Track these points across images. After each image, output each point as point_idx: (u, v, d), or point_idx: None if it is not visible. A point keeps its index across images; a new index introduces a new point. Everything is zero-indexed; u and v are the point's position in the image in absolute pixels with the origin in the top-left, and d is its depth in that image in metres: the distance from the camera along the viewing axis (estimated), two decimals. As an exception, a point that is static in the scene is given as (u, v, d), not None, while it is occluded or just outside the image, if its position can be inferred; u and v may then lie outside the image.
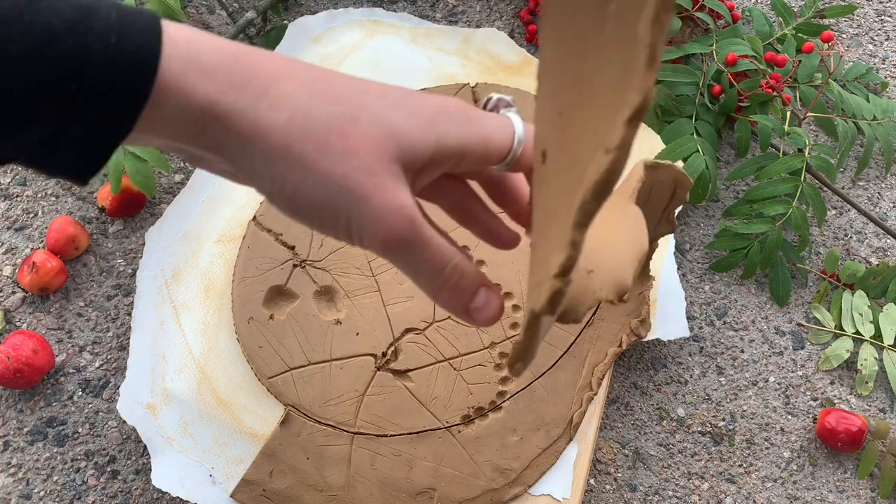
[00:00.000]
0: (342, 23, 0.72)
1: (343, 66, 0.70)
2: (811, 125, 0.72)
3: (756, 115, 0.66)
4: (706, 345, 0.63)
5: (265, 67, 0.28)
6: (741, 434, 0.60)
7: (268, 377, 0.56)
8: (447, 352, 0.57)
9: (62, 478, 0.58)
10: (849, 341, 0.62)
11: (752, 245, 0.64)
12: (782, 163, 0.63)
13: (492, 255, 0.60)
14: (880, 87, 0.74)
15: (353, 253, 0.60)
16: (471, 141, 0.30)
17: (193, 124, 0.27)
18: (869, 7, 0.80)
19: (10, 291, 0.64)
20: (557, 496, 0.53)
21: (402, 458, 0.54)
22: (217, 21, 0.76)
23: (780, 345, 0.63)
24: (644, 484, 0.58)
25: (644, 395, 0.61)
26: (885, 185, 0.70)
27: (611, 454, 0.59)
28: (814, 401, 0.61)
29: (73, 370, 0.62)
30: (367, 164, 0.27)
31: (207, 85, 0.26)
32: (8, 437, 0.59)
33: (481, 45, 0.71)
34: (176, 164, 0.69)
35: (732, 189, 0.70)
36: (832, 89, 0.68)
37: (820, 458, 0.60)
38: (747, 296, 0.65)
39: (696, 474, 0.59)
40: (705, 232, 0.68)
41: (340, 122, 0.28)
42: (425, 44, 0.72)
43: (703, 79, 0.67)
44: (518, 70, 0.70)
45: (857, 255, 0.67)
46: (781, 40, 0.73)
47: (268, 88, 0.27)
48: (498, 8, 0.77)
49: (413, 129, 0.29)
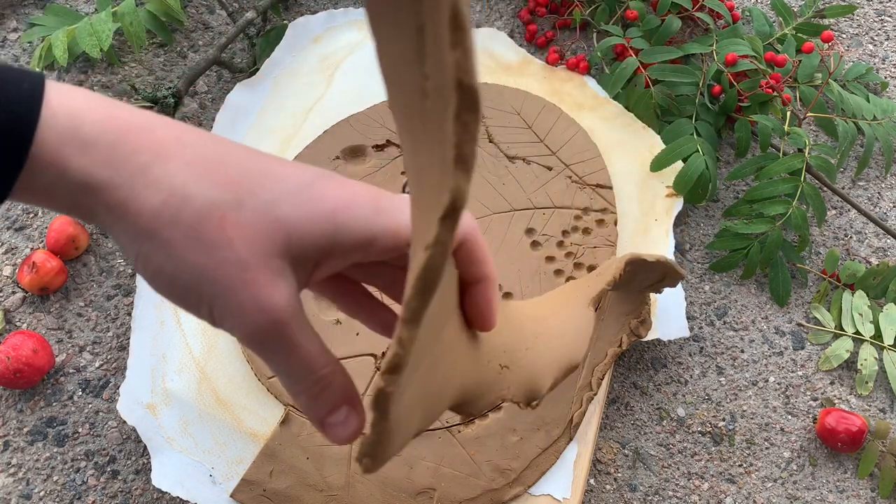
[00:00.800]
0: (342, 23, 0.72)
1: (343, 66, 0.70)
2: (811, 125, 0.72)
3: (756, 115, 0.66)
4: (706, 345, 0.63)
5: (153, 141, 0.26)
6: (741, 434, 0.60)
7: (268, 377, 0.56)
8: (447, 352, 0.57)
9: (62, 478, 0.58)
10: (849, 341, 0.62)
11: (752, 245, 0.64)
12: (782, 163, 0.63)
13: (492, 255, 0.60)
14: (880, 87, 0.74)
15: (353, 253, 0.60)
16: (378, 233, 0.28)
17: (68, 196, 0.26)
18: (869, 7, 0.80)
19: (10, 291, 0.64)
20: (557, 496, 0.53)
21: (402, 458, 0.54)
22: (217, 21, 0.76)
23: (780, 345, 0.63)
24: (644, 484, 0.58)
25: (644, 395, 0.61)
26: (885, 185, 0.70)
27: (611, 454, 0.59)
28: (814, 401, 0.61)
29: (73, 370, 0.62)
30: (240, 256, 0.26)
31: (83, 159, 0.25)
32: (8, 437, 0.59)
33: (481, 45, 0.71)
34: (176, 164, 0.69)
35: (732, 189, 0.70)
36: (832, 89, 0.68)
37: (820, 458, 0.60)
38: (747, 296, 0.65)
39: (696, 474, 0.59)
40: (705, 232, 0.68)
41: (221, 208, 0.26)
42: (425, 44, 0.71)
43: (703, 79, 0.67)
44: (518, 70, 0.70)
45: (857, 255, 0.67)
46: (781, 40, 0.73)
47: (148, 166, 0.26)
48: (498, 8, 0.77)
49: (307, 220, 0.27)
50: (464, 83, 0.17)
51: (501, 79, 0.69)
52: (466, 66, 0.17)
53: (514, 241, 0.61)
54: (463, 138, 0.17)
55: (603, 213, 0.62)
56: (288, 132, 0.66)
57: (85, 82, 0.72)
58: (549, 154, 0.64)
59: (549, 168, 0.64)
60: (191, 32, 0.75)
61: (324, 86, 0.69)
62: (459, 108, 0.17)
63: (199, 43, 0.75)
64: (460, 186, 0.18)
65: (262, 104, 0.68)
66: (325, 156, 0.64)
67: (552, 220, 0.62)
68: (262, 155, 0.29)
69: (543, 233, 0.61)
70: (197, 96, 0.72)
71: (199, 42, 0.75)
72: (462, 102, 0.17)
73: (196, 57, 0.74)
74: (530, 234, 0.61)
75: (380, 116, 0.66)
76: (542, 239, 0.61)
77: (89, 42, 0.66)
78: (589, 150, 0.64)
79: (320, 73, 0.69)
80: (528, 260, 0.60)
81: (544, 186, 0.63)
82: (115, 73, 0.73)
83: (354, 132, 0.65)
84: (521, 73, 0.70)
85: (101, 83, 0.72)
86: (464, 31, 0.17)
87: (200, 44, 0.75)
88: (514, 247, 0.61)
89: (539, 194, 0.63)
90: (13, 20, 0.76)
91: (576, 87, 0.70)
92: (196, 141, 0.27)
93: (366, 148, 0.65)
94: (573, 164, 0.64)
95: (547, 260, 0.60)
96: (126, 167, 0.26)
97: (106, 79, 0.73)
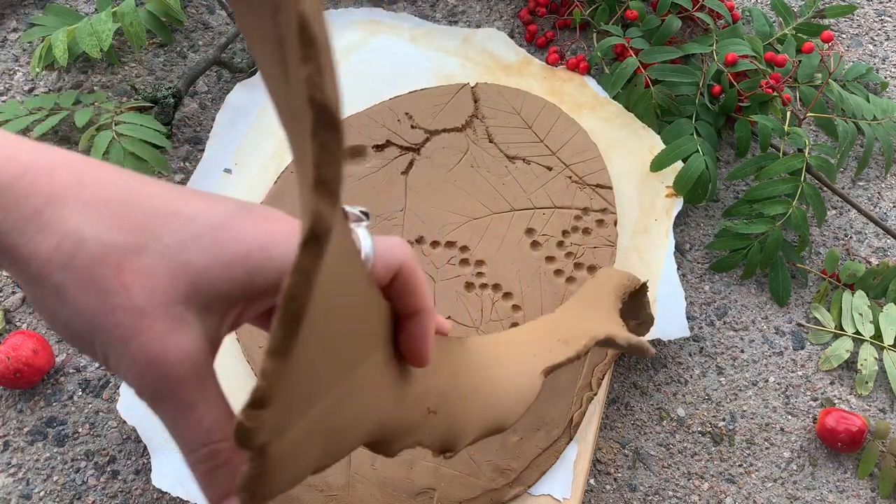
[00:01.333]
0: (342, 23, 0.72)
1: (343, 66, 0.70)
2: (811, 125, 0.72)
3: (756, 115, 0.66)
4: (706, 345, 0.63)
5: (50, 184, 0.25)
6: (741, 434, 0.60)
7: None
8: (447, 352, 0.57)
9: (62, 478, 0.58)
10: (849, 341, 0.62)
11: (752, 245, 0.64)
12: (782, 163, 0.63)
13: (492, 255, 0.60)
14: (880, 87, 0.74)
15: (353, 253, 0.60)
16: None
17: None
18: (869, 7, 0.80)
19: (10, 291, 0.64)
20: (557, 496, 0.53)
21: (402, 458, 0.54)
22: (217, 21, 0.76)
23: (780, 345, 0.63)
24: (644, 484, 0.58)
25: (644, 395, 0.61)
26: (885, 185, 0.70)
27: (611, 454, 0.59)
28: (814, 401, 0.61)
29: (73, 370, 0.62)
30: (136, 303, 0.24)
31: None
32: (8, 437, 0.59)
33: (481, 46, 0.71)
34: (176, 164, 0.69)
35: (732, 189, 0.70)
36: (832, 89, 0.68)
37: (820, 458, 0.60)
38: (747, 296, 0.65)
39: (696, 474, 0.59)
40: (705, 232, 0.68)
41: (119, 253, 0.25)
42: (425, 44, 0.72)
43: (703, 79, 0.67)
44: (518, 70, 0.70)
45: (857, 255, 0.67)
46: (781, 40, 0.73)
47: (42, 210, 0.25)
48: (498, 8, 0.77)
49: (216, 265, 0.25)
50: (316, 100, 0.16)
51: (501, 79, 0.69)
52: (318, 82, 0.16)
53: (514, 241, 0.61)
54: (322, 159, 0.16)
55: (603, 213, 0.62)
56: (288, 132, 0.66)
57: (85, 82, 0.72)
58: (549, 154, 0.64)
59: (549, 168, 0.64)
60: (191, 32, 0.75)
61: (324, 86, 0.69)
62: (315, 127, 0.16)
63: (199, 43, 0.75)
64: (320, 211, 0.17)
65: (262, 104, 0.68)
66: (325, 156, 0.64)
67: (552, 220, 0.62)
68: (175, 192, 0.27)
69: (543, 233, 0.61)
70: (197, 96, 0.72)
71: (199, 42, 0.75)
72: (317, 121, 0.16)
73: (196, 57, 0.74)
74: (530, 234, 0.61)
75: (380, 116, 0.66)
76: (542, 239, 0.61)
77: (89, 42, 0.66)
78: (589, 150, 0.64)
79: (320, 73, 0.69)
80: (528, 260, 0.60)
81: (544, 186, 0.63)
82: (115, 73, 0.73)
83: (354, 132, 0.65)
84: (521, 73, 0.70)
85: (101, 83, 0.72)
86: (314, 46, 0.16)
87: (200, 44, 0.75)
88: (514, 247, 0.61)
89: (539, 194, 0.63)
90: (13, 20, 0.76)
91: (576, 87, 0.70)
92: (99, 181, 0.26)
93: (366, 148, 0.65)
94: (573, 164, 0.64)
95: (547, 260, 0.60)
96: (18, 211, 0.25)
97: (106, 79, 0.73)
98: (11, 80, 0.73)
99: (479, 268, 0.60)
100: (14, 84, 0.73)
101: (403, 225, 0.61)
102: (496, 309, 0.58)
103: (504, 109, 0.66)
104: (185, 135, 0.70)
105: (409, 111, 0.66)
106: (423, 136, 0.65)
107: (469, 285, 0.59)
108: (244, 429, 0.19)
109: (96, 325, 0.24)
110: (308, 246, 0.17)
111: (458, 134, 0.66)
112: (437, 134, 0.66)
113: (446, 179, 0.63)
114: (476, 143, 0.65)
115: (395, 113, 0.66)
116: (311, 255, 0.17)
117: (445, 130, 0.66)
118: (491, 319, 0.58)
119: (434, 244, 0.61)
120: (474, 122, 0.66)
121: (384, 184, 0.63)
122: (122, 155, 0.62)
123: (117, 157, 0.61)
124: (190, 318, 0.25)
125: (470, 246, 0.61)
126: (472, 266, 0.60)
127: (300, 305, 0.18)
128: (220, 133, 0.66)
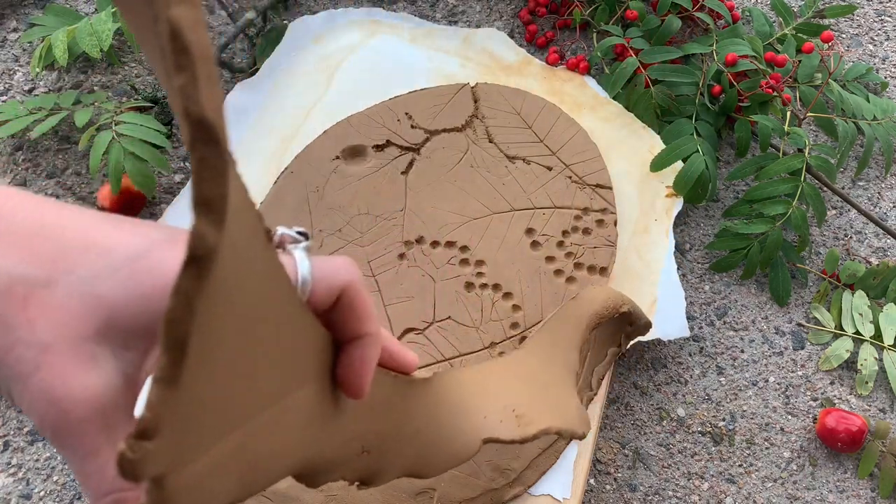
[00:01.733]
0: (342, 23, 0.72)
1: (343, 66, 0.70)
2: (811, 125, 0.72)
3: (756, 115, 0.66)
4: (706, 345, 0.63)
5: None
6: (741, 434, 0.60)
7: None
8: (447, 352, 0.57)
9: (62, 478, 0.58)
10: (849, 341, 0.62)
11: (752, 245, 0.64)
12: (782, 163, 0.63)
13: (492, 255, 0.60)
14: (880, 87, 0.74)
15: (354, 253, 0.60)
16: None
17: None
18: (869, 7, 0.80)
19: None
20: (557, 496, 0.53)
21: (402, 458, 0.53)
22: (217, 21, 0.76)
23: (780, 345, 0.63)
24: (644, 484, 0.58)
25: (644, 395, 0.61)
26: (885, 185, 0.70)
27: (611, 454, 0.59)
28: (814, 401, 0.61)
29: (73, 370, 0.61)
30: (40, 338, 0.23)
31: None
32: (8, 437, 0.59)
33: (481, 45, 0.71)
34: (176, 164, 0.69)
35: (732, 189, 0.70)
36: (832, 89, 0.68)
37: (820, 458, 0.60)
38: (747, 296, 0.65)
39: (696, 474, 0.59)
40: (705, 232, 0.68)
41: (27, 286, 0.23)
42: (425, 44, 0.72)
43: (703, 79, 0.67)
44: (518, 70, 0.70)
45: (857, 255, 0.67)
46: (781, 40, 0.73)
47: None
48: (498, 8, 0.77)
49: (134, 298, 0.24)
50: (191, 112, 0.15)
51: (501, 79, 0.69)
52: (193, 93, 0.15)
53: (514, 241, 0.61)
54: (202, 176, 0.16)
55: (603, 213, 0.62)
56: (288, 132, 0.66)
57: (85, 82, 0.72)
58: (549, 154, 0.64)
59: (549, 168, 0.64)
60: (191, 32, 0.75)
61: (324, 86, 0.69)
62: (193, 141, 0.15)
63: (199, 43, 0.75)
64: (200, 232, 0.16)
65: (262, 104, 0.68)
66: (325, 156, 0.64)
67: (552, 220, 0.62)
68: (95, 221, 0.25)
69: (543, 233, 0.61)
70: (197, 96, 0.72)
71: (199, 42, 0.75)
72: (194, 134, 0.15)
73: (196, 57, 0.74)
74: (530, 234, 0.61)
75: (380, 116, 0.66)
76: (542, 239, 0.61)
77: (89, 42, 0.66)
78: (589, 150, 0.64)
79: (320, 73, 0.69)
80: (528, 260, 0.60)
81: (544, 186, 0.63)
82: (115, 73, 0.73)
83: (354, 132, 0.65)
84: (521, 73, 0.70)
85: (101, 83, 0.72)
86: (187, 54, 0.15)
87: (200, 44, 0.75)
88: (514, 247, 0.61)
89: (539, 194, 0.63)
90: (13, 20, 0.76)
91: (576, 87, 0.70)
92: (14, 212, 0.24)
93: (366, 148, 0.65)
94: (573, 164, 0.64)
95: (547, 260, 0.60)
96: None
97: (106, 79, 0.73)
98: (11, 80, 0.73)
99: (479, 268, 0.60)
100: (14, 84, 0.73)
101: (403, 225, 0.61)
102: (496, 309, 0.58)
103: (504, 109, 0.66)
104: (185, 135, 0.70)
105: (409, 111, 0.66)
106: (423, 135, 0.65)
107: (469, 285, 0.59)
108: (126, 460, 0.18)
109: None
110: (189, 268, 0.16)
111: (458, 134, 0.66)
112: (436, 134, 0.66)
113: (446, 179, 0.63)
114: (476, 143, 0.65)
115: (395, 113, 0.66)
116: (191, 277, 0.16)
117: (445, 130, 0.66)
118: (491, 319, 0.58)
119: (434, 244, 0.61)
120: (474, 122, 0.66)
121: (384, 184, 0.63)
122: (122, 155, 0.62)
123: (117, 156, 0.61)
124: (102, 355, 0.24)
125: (470, 246, 0.61)
126: (472, 266, 0.60)
127: (183, 330, 0.17)
128: (220, 133, 0.66)
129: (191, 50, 0.15)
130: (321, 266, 0.27)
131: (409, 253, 0.60)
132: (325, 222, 0.61)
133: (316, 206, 0.62)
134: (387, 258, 0.60)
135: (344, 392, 0.27)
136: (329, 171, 0.63)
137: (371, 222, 0.61)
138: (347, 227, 0.61)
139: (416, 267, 0.60)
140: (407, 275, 0.59)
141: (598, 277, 0.60)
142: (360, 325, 0.27)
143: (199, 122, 0.15)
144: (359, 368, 0.27)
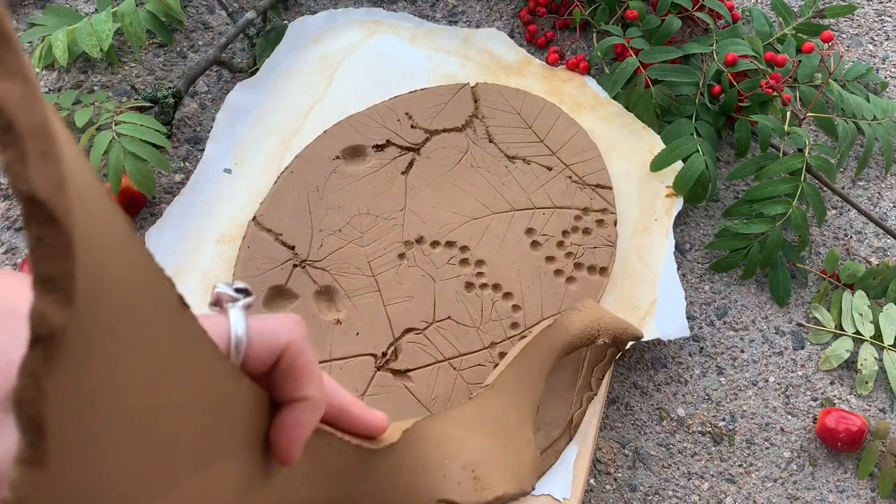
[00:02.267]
0: (342, 23, 0.72)
1: (343, 66, 0.70)
2: (811, 125, 0.72)
3: (756, 115, 0.66)
4: (706, 345, 0.63)
5: None
6: (741, 434, 0.60)
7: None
8: (447, 352, 0.57)
9: None
10: (849, 341, 0.62)
11: (752, 245, 0.64)
12: (782, 163, 0.63)
13: (492, 255, 0.60)
14: (880, 87, 0.74)
15: (354, 253, 0.60)
16: None
17: None
18: (869, 7, 0.80)
19: (10, 291, 0.64)
20: (557, 496, 0.53)
21: (402, 459, 0.53)
22: (217, 21, 0.76)
23: (780, 345, 0.63)
24: (644, 484, 0.58)
25: (644, 395, 0.61)
26: (885, 185, 0.70)
27: (611, 454, 0.59)
28: (814, 401, 0.61)
29: (73, 370, 0.61)
30: None
31: None
32: None
33: (481, 45, 0.71)
34: (176, 164, 0.69)
35: (732, 189, 0.70)
36: (832, 89, 0.68)
37: (820, 458, 0.60)
38: (747, 296, 0.65)
39: (696, 474, 0.59)
40: (705, 232, 0.68)
41: None
42: (425, 44, 0.72)
43: (703, 79, 0.67)
44: (518, 70, 0.70)
45: (857, 255, 0.67)
46: (781, 40, 0.73)
47: None
48: (498, 8, 0.77)
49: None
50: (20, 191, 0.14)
51: (501, 79, 0.69)
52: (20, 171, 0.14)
53: (514, 241, 0.61)
54: (38, 255, 0.15)
55: (603, 213, 0.62)
56: (288, 132, 0.66)
57: (85, 82, 0.72)
58: (549, 154, 0.64)
59: (549, 168, 0.64)
60: (191, 32, 0.75)
61: (324, 86, 0.69)
62: (26, 221, 0.14)
63: (199, 43, 0.75)
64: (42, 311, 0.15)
65: (262, 104, 0.68)
66: (324, 156, 0.64)
67: (552, 220, 0.62)
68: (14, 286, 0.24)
69: (543, 233, 0.61)
70: (197, 96, 0.72)
71: (199, 42, 0.75)
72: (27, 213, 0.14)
73: (196, 57, 0.74)
74: (530, 234, 0.61)
75: (380, 116, 0.66)
76: (542, 239, 0.61)
77: (89, 42, 0.66)
78: (589, 150, 0.64)
79: (320, 73, 0.69)
80: (528, 260, 0.60)
81: (544, 186, 0.63)
82: (115, 73, 0.73)
83: (354, 132, 0.65)
84: (521, 73, 0.70)
85: (101, 83, 0.72)
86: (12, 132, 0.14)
87: (200, 44, 0.75)
88: (514, 247, 0.61)
89: (539, 194, 0.63)
90: (13, 20, 0.76)
91: (576, 87, 0.70)
92: None
93: (366, 148, 0.65)
94: (573, 164, 0.64)
95: (547, 260, 0.60)
96: None
97: (106, 79, 0.73)
98: (11, 80, 0.73)
99: (479, 268, 0.60)
100: (14, 84, 0.72)
101: (403, 225, 0.61)
102: (496, 309, 0.58)
103: (504, 109, 0.66)
104: (185, 135, 0.70)
105: (409, 111, 0.66)
106: (422, 135, 0.65)
107: (469, 285, 0.59)
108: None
109: None
110: (34, 348, 0.16)
111: (458, 134, 0.66)
112: (436, 134, 0.66)
113: (446, 179, 0.63)
114: (476, 143, 0.65)
115: (395, 113, 0.66)
116: (38, 357, 0.16)
117: (445, 130, 0.66)
118: (491, 319, 0.58)
119: (434, 244, 0.61)
120: (474, 122, 0.66)
121: (384, 184, 0.63)
122: (122, 155, 0.62)
123: (117, 156, 0.61)
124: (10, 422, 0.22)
125: (470, 246, 0.61)
126: (472, 266, 0.60)
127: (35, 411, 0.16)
128: (220, 133, 0.66)
129: (16, 127, 0.14)
130: (260, 325, 0.26)
131: (409, 253, 0.60)
132: (325, 222, 0.61)
133: (316, 206, 0.62)
134: (387, 258, 0.60)
135: (273, 457, 0.26)
136: (329, 171, 0.63)
137: (371, 222, 0.61)
138: (347, 227, 0.61)
139: (416, 267, 0.60)
140: (407, 275, 0.59)
141: (598, 277, 0.60)
142: (298, 388, 0.26)
143: (29, 200, 0.14)
144: (290, 433, 0.25)
